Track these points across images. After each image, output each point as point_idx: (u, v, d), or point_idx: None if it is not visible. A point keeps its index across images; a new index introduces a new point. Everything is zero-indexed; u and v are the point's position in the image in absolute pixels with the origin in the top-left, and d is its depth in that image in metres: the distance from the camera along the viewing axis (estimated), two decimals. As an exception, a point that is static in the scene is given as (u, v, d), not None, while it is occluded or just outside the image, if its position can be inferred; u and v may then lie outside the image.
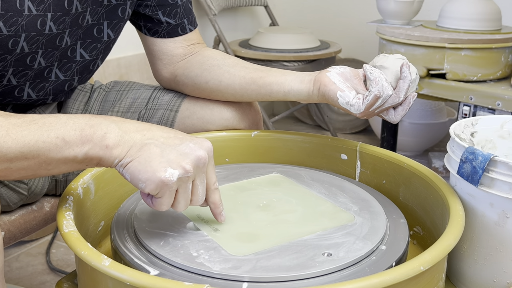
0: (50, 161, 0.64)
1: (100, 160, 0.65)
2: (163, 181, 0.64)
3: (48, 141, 0.63)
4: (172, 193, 0.66)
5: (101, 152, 0.64)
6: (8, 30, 0.78)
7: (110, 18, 0.95)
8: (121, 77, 2.06)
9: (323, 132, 2.73)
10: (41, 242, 1.67)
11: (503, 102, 1.66)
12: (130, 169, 0.65)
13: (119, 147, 0.65)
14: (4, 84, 0.87)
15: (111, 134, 0.65)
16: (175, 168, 0.64)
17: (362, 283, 0.57)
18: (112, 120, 0.67)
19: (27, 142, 0.62)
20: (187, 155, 0.66)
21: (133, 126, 0.67)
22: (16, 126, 0.62)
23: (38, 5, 0.80)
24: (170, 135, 0.68)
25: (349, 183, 0.90)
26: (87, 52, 0.95)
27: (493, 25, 1.86)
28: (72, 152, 0.64)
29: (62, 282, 0.79)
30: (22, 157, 0.62)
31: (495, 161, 0.70)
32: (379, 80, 0.83)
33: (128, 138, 0.65)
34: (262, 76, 0.96)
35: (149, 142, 0.66)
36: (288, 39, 2.36)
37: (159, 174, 0.64)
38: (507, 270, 0.74)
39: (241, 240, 0.72)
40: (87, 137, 0.64)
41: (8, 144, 0.61)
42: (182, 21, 1.03)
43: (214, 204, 0.73)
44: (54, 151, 0.63)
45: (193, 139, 0.68)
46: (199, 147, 0.67)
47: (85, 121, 0.65)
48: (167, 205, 0.67)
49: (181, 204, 0.68)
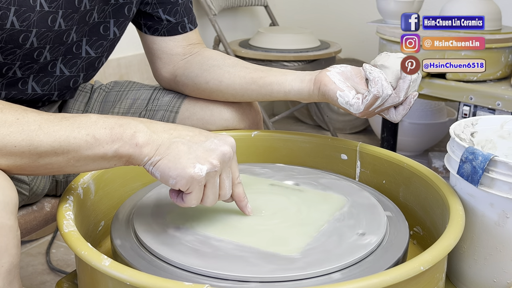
0: (79, 158, 0.66)
1: (130, 158, 0.67)
2: (192, 177, 0.66)
3: (79, 137, 0.65)
4: (201, 188, 0.69)
5: (131, 149, 0.67)
6: (20, 25, 0.79)
7: (116, 16, 0.95)
8: (121, 77, 2.06)
9: (323, 132, 2.73)
10: (41, 242, 1.67)
11: (503, 102, 1.66)
12: (160, 167, 0.67)
13: (148, 146, 0.67)
14: (9, 76, 0.87)
15: (141, 133, 0.67)
16: (203, 163, 0.67)
17: (362, 283, 0.57)
18: (140, 120, 0.69)
19: (58, 137, 0.64)
20: (213, 150, 0.69)
21: (160, 126, 0.70)
22: (48, 121, 0.64)
23: (50, 2, 0.81)
24: (195, 133, 0.70)
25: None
26: (93, 49, 0.95)
27: (493, 25, 1.86)
28: (102, 150, 0.66)
29: (62, 282, 0.79)
30: (52, 152, 0.64)
31: (495, 161, 0.70)
32: (378, 80, 0.83)
33: (156, 137, 0.68)
34: (263, 76, 0.96)
35: (176, 140, 0.68)
36: (288, 39, 2.36)
37: (189, 170, 0.66)
38: (507, 270, 0.74)
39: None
40: (117, 135, 0.66)
41: (40, 138, 0.63)
42: (182, 20, 1.04)
43: (239, 197, 0.75)
44: (85, 147, 0.65)
45: (217, 135, 0.71)
46: (224, 142, 0.70)
47: (114, 120, 0.67)
48: (197, 200, 0.69)
49: (210, 198, 0.70)
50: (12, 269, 0.61)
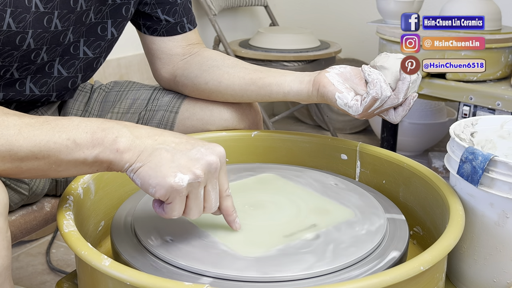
0: (60, 163, 0.64)
1: (111, 164, 0.65)
2: (172, 186, 0.63)
3: (59, 142, 0.63)
4: (182, 199, 0.65)
5: (111, 155, 0.64)
6: (16, 27, 0.79)
7: (114, 16, 0.95)
8: (121, 77, 2.06)
9: (323, 132, 2.73)
10: (41, 242, 1.67)
11: (503, 102, 1.66)
12: (141, 174, 0.64)
13: (130, 152, 0.65)
14: (7, 77, 0.87)
15: (123, 139, 0.65)
16: (185, 173, 0.64)
17: (362, 283, 0.57)
18: (124, 125, 0.67)
19: (38, 142, 0.62)
20: (198, 160, 0.65)
21: (145, 131, 0.67)
22: (29, 125, 0.63)
23: (46, 3, 0.81)
24: (182, 140, 0.67)
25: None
26: (91, 49, 0.95)
27: (493, 25, 1.86)
28: (83, 155, 0.64)
29: (62, 282, 0.79)
30: (32, 157, 0.63)
31: (495, 161, 0.70)
32: (377, 82, 0.83)
33: (139, 142, 0.65)
34: (262, 77, 0.96)
35: (160, 147, 0.65)
36: (288, 39, 2.36)
37: (169, 179, 0.63)
38: (507, 270, 0.74)
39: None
40: (98, 140, 0.64)
41: (20, 143, 0.62)
42: (181, 20, 1.03)
43: (227, 211, 0.71)
44: (65, 152, 0.63)
45: (205, 144, 0.67)
46: (211, 152, 0.66)
47: (97, 124, 0.65)
48: (179, 212, 0.66)
49: (193, 211, 0.67)
50: (3, 272, 0.60)
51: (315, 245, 0.70)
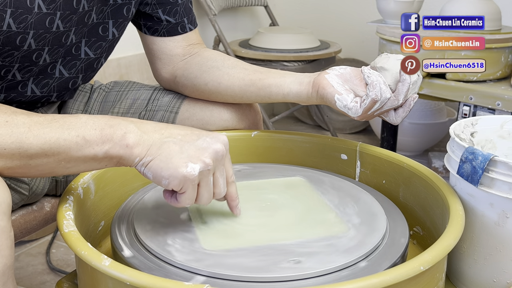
0: (69, 159, 0.65)
1: (121, 159, 0.67)
2: (185, 176, 0.66)
3: (69, 139, 0.64)
4: (194, 187, 0.68)
5: (121, 150, 0.66)
6: (17, 27, 0.79)
7: (115, 17, 0.95)
8: (121, 77, 2.06)
9: (323, 132, 2.73)
10: (41, 242, 1.67)
11: (503, 102, 1.66)
12: (152, 167, 0.67)
13: (139, 146, 0.66)
14: (9, 79, 0.87)
15: (131, 134, 0.66)
16: (196, 162, 0.67)
17: (362, 283, 0.57)
18: (131, 121, 0.68)
19: (48, 139, 0.64)
20: (206, 149, 0.68)
21: (151, 126, 0.69)
22: (38, 123, 0.64)
23: (49, 4, 0.81)
24: (187, 132, 0.70)
25: (367, 194, 0.85)
26: (92, 50, 0.95)
27: (493, 25, 1.86)
28: (93, 151, 0.65)
29: (62, 282, 0.79)
30: (42, 154, 0.64)
31: (495, 161, 0.70)
32: (376, 83, 0.83)
33: (147, 137, 0.67)
34: (261, 78, 0.96)
35: (167, 140, 0.68)
36: (288, 39, 2.36)
37: (181, 170, 0.66)
38: (507, 270, 0.74)
39: (220, 236, 0.73)
40: (107, 136, 0.66)
41: (30, 140, 0.63)
42: (182, 20, 1.03)
43: (231, 197, 0.75)
44: (75, 149, 0.65)
45: (209, 134, 0.71)
46: (216, 140, 0.69)
47: (104, 121, 0.67)
48: (192, 200, 0.69)
49: (205, 197, 0.70)
50: (6, 271, 0.60)
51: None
